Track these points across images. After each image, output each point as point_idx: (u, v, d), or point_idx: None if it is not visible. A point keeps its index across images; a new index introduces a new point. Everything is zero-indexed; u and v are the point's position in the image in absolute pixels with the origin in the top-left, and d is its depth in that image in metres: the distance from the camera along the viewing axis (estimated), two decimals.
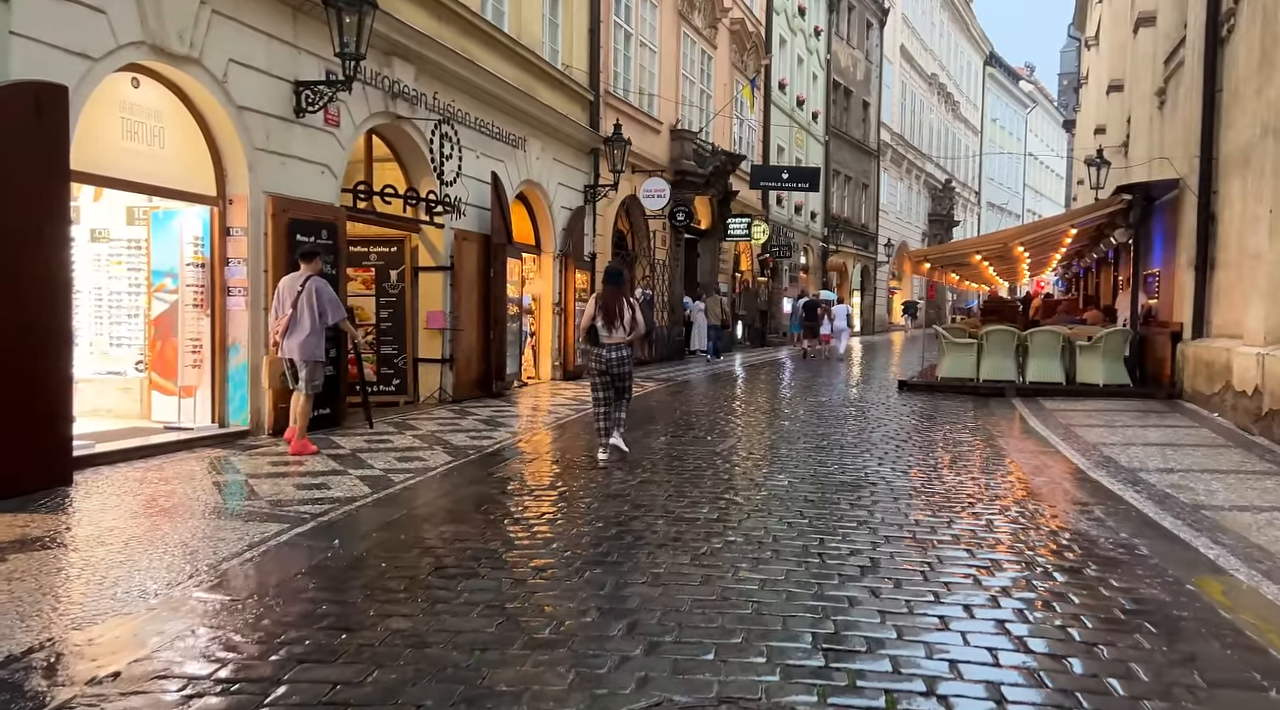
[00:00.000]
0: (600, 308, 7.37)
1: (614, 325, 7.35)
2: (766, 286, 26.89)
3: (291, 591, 4.20)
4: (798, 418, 10.58)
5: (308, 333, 7.36)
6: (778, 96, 27.29)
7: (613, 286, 7.54)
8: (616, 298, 7.42)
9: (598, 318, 7.35)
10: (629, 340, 7.43)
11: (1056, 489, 6.56)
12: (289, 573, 4.48)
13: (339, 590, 4.22)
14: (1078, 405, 11.75)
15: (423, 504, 6.05)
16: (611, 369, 7.44)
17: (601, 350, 7.39)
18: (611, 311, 7.34)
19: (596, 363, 7.45)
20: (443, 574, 4.44)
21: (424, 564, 4.61)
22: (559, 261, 14.32)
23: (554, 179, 14.09)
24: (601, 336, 7.36)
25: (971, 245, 15.41)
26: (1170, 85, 14.90)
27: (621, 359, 7.45)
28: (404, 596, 4.11)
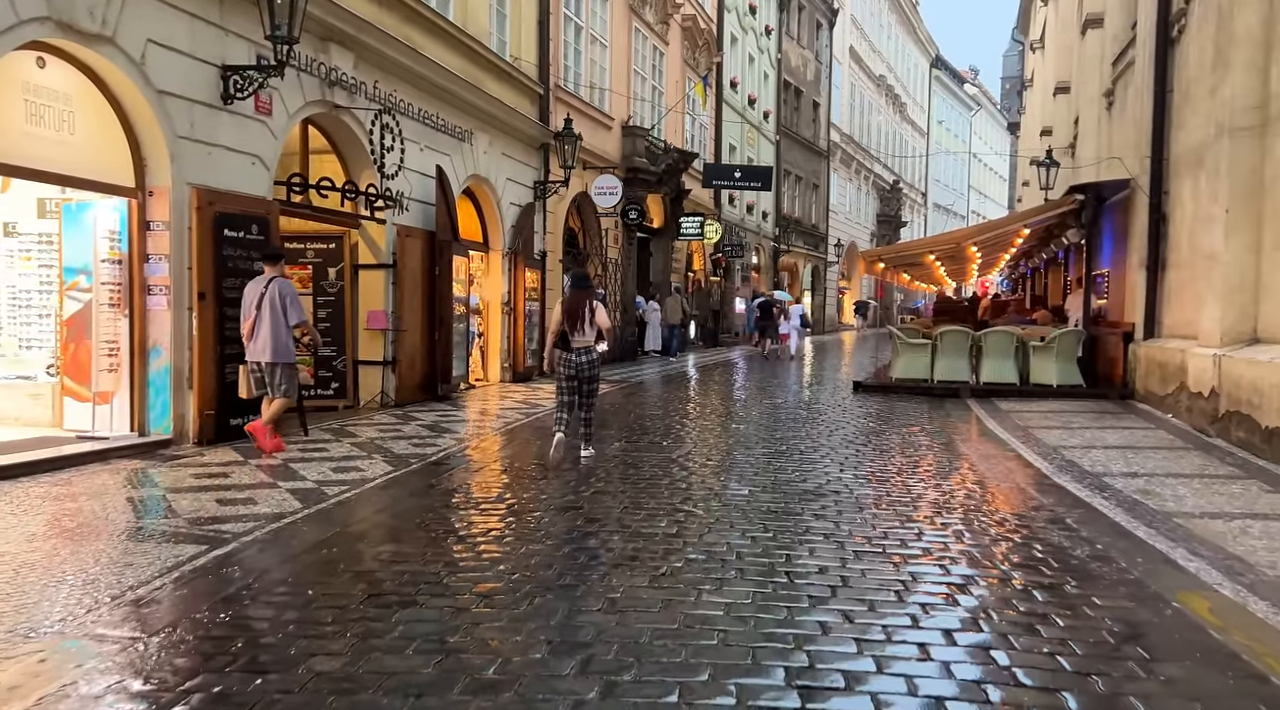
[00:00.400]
0: (565, 312, 7.52)
1: (578, 328, 7.49)
2: (719, 286, 26.70)
3: (204, 626, 3.75)
4: (754, 421, 10.31)
5: (275, 335, 7.28)
6: (729, 95, 27.12)
7: (578, 290, 7.68)
8: (580, 301, 7.55)
9: (565, 322, 7.49)
10: (597, 342, 7.59)
11: (1024, 496, 6.36)
12: (203, 603, 4.02)
13: (259, 623, 3.78)
14: (1033, 406, 11.69)
15: (358, 520, 5.60)
16: (581, 372, 7.54)
17: (570, 354, 7.52)
18: (576, 315, 7.48)
19: (565, 366, 7.56)
20: (377, 602, 4.03)
21: (356, 591, 4.19)
22: (508, 260, 13.87)
23: (502, 174, 13.63)
24: (570, 340, 7.52)
25: (925, 245, 15.35)
26: (1119, 86, 15.00)
27: (590, 362, 7.58)
28: (332, 631, 3.69)
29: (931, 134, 61.29)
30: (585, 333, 7.53)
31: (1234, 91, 8.75)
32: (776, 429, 9.57)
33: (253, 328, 7.29)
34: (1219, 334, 8.88)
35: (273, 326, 7.26)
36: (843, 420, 10.38)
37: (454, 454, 7.92)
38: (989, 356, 13.25)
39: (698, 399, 12.83)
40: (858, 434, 9.29)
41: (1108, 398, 12.23)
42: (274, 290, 7.31)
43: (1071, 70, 21.30)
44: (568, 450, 7.44)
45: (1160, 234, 11.86)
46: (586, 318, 7.52)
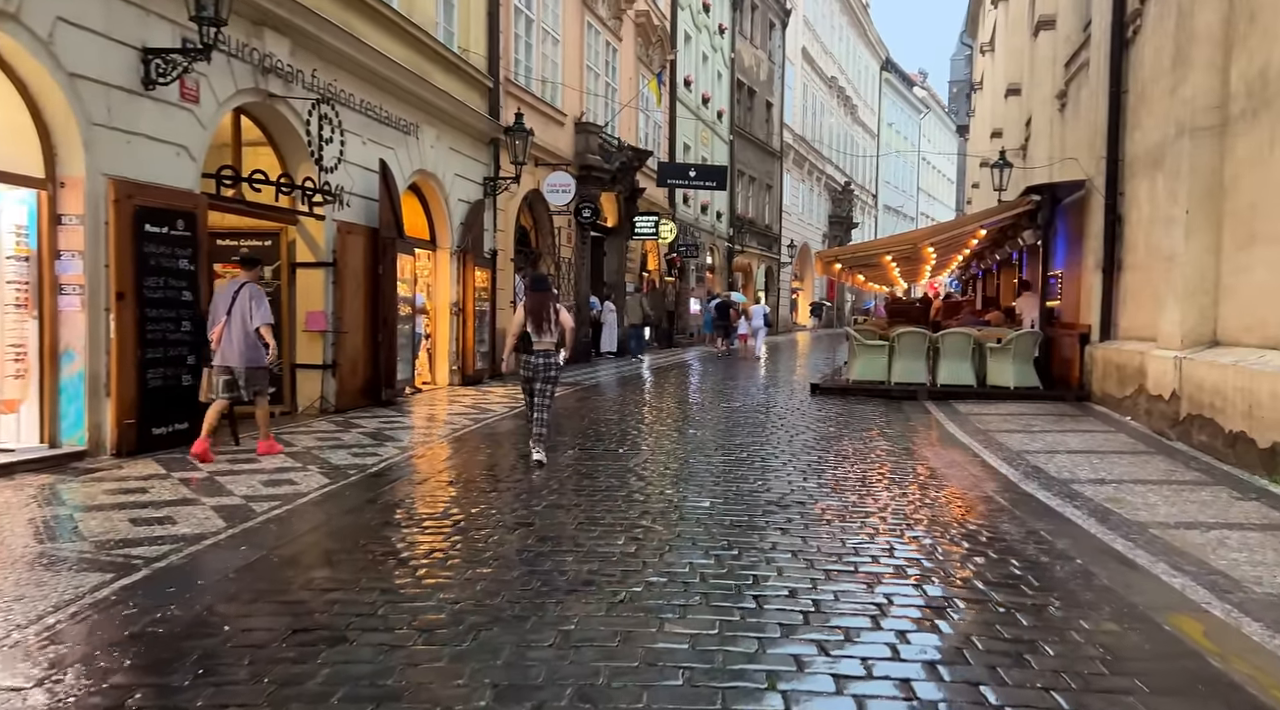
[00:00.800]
0: (529, 313, 7.51)
1: (543, 330, 7.48)
2: (674, 286, 26.42)
3: (98, 673, 3.29)
4: (712, 425, 9.99)
5: (244, 340, 7.24)
6: (683, 93, 26.86)
7: (539, 293, 7.71)
8: (543, 303, 7.56)
9: (528, 324, 7.49)
10: (560, 344, 7.60)
11: (995, 506, 6.12)
12: (100, 645, 3.55)
13: (163, 670, 3.33)
14: (991, 409, 11.57)
15: (287, 542, 5.13)
16: (540, 373, 7.56)
17: (531, 356, 7.54)
18: (539, 317, 7.47)
19: (525, 369, 7.61)
20: (302, 640, 3.60)
21: (279, 627, 3.75)
22: (457, 258, 13.37)
23: (450, 170, 13.14)
24: (532, 342, 7.51)
25: (881, 246, 15.23)
26: (1071, 88, 15.03)
27: (550, 364, 7.57)
28: (246, 678, 3.25)
29: (882, 136, 61.88)
30: (550, 334, 7.50)
31: (1194, 91, 8.67)
32: (735, 434, 9.26)
33: (223, 332, 7.21)
34: (1179, 336, 8.80)
35: (242, 332, 7.22)
36: (802, 424, 10.13)
37: (396, 464, 7.46)
38: (946, 358, 13.14)
39: (654, 402, 12.49)
40: (818, 439, 9.02)
41: (1064, 400, 12.17)
42: (244, 296, 7.27)
43: (1023, 72, 21.44)
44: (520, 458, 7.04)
45: (1116, 235, 11.84)
46: (551, 319, 7.49)
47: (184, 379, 7.77)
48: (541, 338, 7.48)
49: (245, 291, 7.30)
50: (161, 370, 7.53)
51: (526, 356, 7.55)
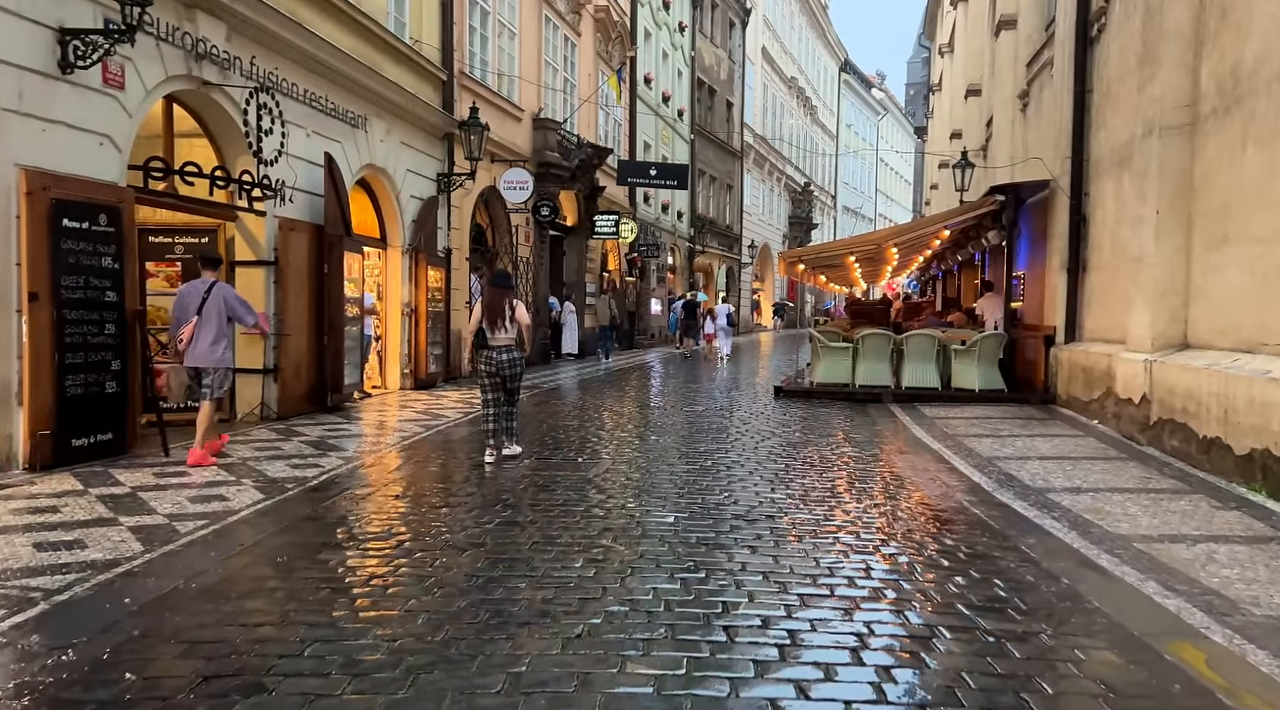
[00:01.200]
0: (485, 309, 7.59)
1: (498, 326, 7.56)
2: (635, 287, 26.06)
3: None
4: (675, 431, 9.64)
5: (216, 339, 7.19)
6: (644, 91, 26.52)
7: (498, 289, 7.74)
8: (500, 299, 7.60)
9: (484, 319, 7.57)
10: (516, 340, 7.65)
11: (971, 518, 5.84)
12: None
13: None
14: (956, 412, 11.38)
15: (211, 568, 4.66)
16: (501, 370, 7.61)
17: (490, 352, 7.59)
18: (495, 311, 7.54)
19: (485, 364, 7.64)
20: (215, 688, 3.17)
21: (189, 673, 3.31)
22: (409, 257, 12.86)
23: (402, 165, 12.63)
24: (489, 339, 7.59)
25: (844, 246, 15.02)
26: (1034, 88, 14.96)
27: (512, 360, 7.63)
28: None
29: (840, 137, 62.17)
30: (506, 330, 7.58)
31: (1163, 89, 8.52)
32: (699, 440, 8.92)
33: (193, 333, 7.10)
34: (1149, 339, 8.64)
35: (217, 333, 7.17)
36: (766, 430, 9.82)
37: (339, 477, 6.98)
38: (910, 360, 12.95)
39: (615, 406, 12.11)
40: (784, 446, 8.72)
41: (1029, 403, 12.04)
42: (218, 295, 7.21)
43: (983, 73, 21.45)
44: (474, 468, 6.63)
45: (1081, 236, 11.73)
46: (506, 315, 7.57)
47: (108, 385, 7.22)
48: (497, 334, 7.56)
49: (219, 291, 7.22)
50: (82, 376, 6.97)
51: (486, 352, 7.59)
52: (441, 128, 13.69)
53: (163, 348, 9.21)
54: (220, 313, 7.19)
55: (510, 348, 7.62)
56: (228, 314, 7.26)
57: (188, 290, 7.33)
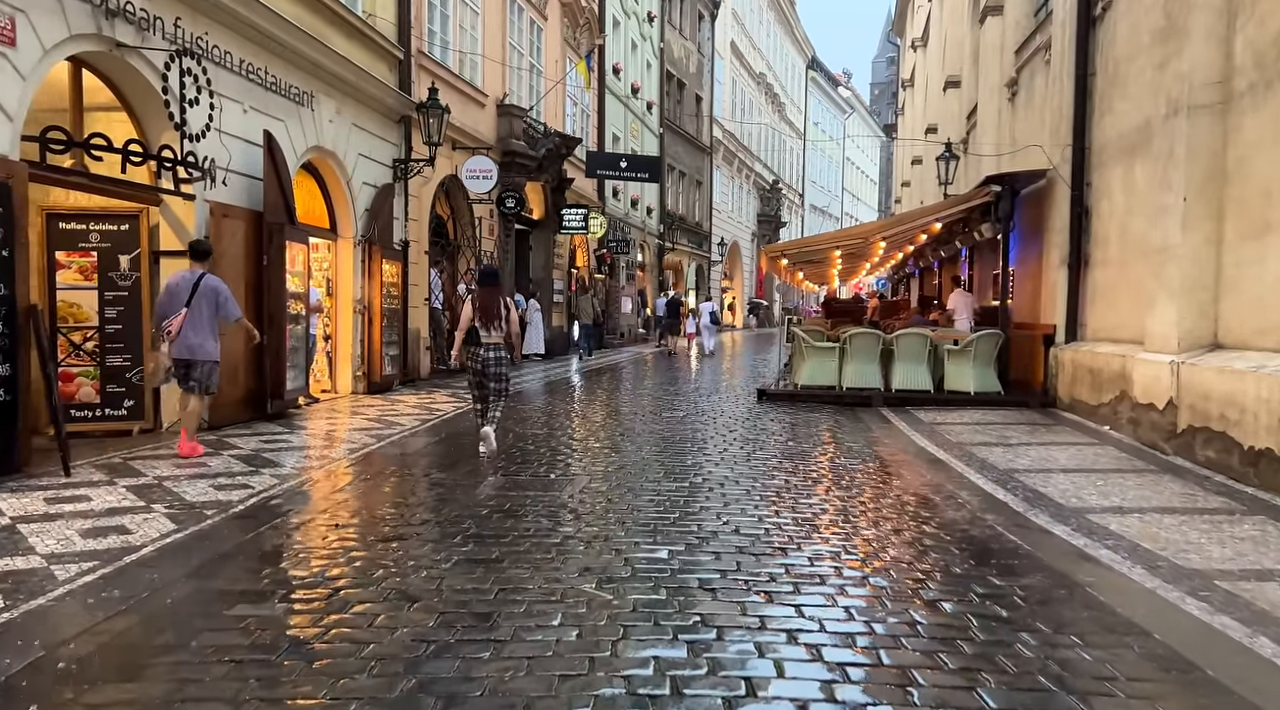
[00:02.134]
0: (478, 308, 7.53)
1: (492, 325, 7.53)
2: (604, 284, 25.10)
3: None
4: (656, 440, 8.73)
5: (203, 332, 7.15)
6: (612, 82, 25.58)
7: (489, 287, 7.71)
8: (494, 298, 7.58)
9: (476, 318, 7.53)
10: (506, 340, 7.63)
11: (1009, 547, 5.00)
12: None
13: None
14: (954, 417, 10.61)
15: (86, 632, 3.65)
16: (489, 368, 7.64)
17: (479, 350, 7.60)
18: (489, 312, 7.52)
19: (474, 362, 7.67)
20: None
21: None
22: (361, 249, 11.80)
23: (354, 148, 11.57)
24: (480, 337, 7.55)
25: (831, 239, 14.22)
26: (1024, 75, 14.29)
27: (499, 359, 7.66)
28: None
29: (808, 135, 61.70)
30: (499, 329, 7.57)
31: (1191, 65, 7.78)
32: (683, 452, 8.02)
33: (183, 323, 7.04)
34: (1175, 338, 7.90)
35: (206, 326, 7.14)
36: (755, 438, 8.96)
37: (272, 500, 5.97)
38: (901, 361, 12.17)
39: (588, 413, 11.17)
40: (778, 458, 7.85)
41: (1028, 406, 11.31)
42: (206, 287, 7.15)
43: (963, 64, 20.83)
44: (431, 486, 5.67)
45: (1083, 228, 11.03)
46: (501, 315, 7.56)
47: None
48: (490, 333, 7.53)
49: (207, 284, 7.17)
50: None
51: (475, 350, 7.58)
52: (397, 110, 12.64)
53: (75, 348, 8.11)
54: (209, 305, 7.13)
55: (499, 346, 7.61)
56: (216, 308, 7.20)
57: (176, 281, 7.24)
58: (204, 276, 7.22)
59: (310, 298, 10.50)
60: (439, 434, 8.95)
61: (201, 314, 7.11)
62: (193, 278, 7.20)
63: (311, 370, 10.37)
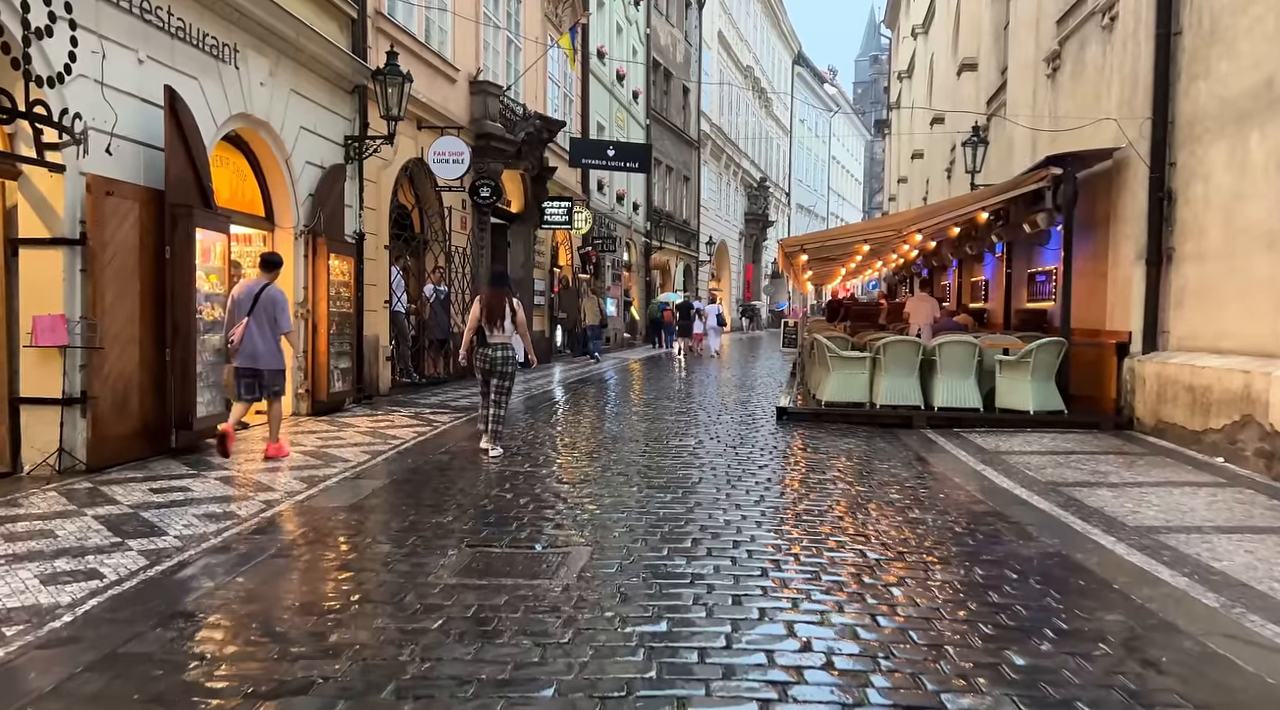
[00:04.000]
0: (485, 308, 7.65)
1: (497, 324, 7.62)
2: (589, 284, 23.19)
3: None
4: (668, 483, 6.84)
5: (270, 341, 7.29)
6: (597, 66, 23.68)
7: (497, 288, 7.86)
8: (500, 298, 7.68)
9: (483, 318, 7.63)
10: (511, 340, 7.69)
11: (1245, 689, 3.17)
12: None
13: None
14: (1019, 443, 8.83)
15: None
16: (496, 367, 7.69)
17: (486, 350, 7.66)
18: (495, 311, 7.61)
19: (481, 361, 7.73)
20: None
21: None
22: (305, 241, 9.85)
23: (294, 120, 9.60)
24: (486, 336, 7.64)
25: (858, 231, 12.40)
26: (1070, 46, 12.56)
27: (506, 358, 7.71)
28: None
29: (794, 132, 60.07)
30: (504, 330, 7.67)
31: None
32: (711, 505, 6.14)
33: (244, 332, 7.17)
34: None
35: (268, 332, 7.26)
36: (787, 476, 7.12)
37: (120, 606, 4.01)
38: (945, 374, 10.37)
39: (577, 442, 9.26)
40: (831, 511, 5.99)
41: (1099, 428, 9.56)
42: (267, 297, 7.27)
43: (980, 44, 19.16)
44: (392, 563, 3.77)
45: (1164, 217, 9.29)
46: (507, 315, 7.67)
47: None
48: (495, 333, 7.64)
49: (268, 294, 7.29)
50: None
51: (483, 350, 7.68)
52: (350, 77, 10.68)
53: None
54: (269, 314, 7.25)
55: (507, 345, 7.70)
56: (274, 317, 7.30)
57: (240, 291, 7.39)
58: (267, 286, 7.34)
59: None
60: (391, 474, 7.02)
61: (264, 323, 7.23)
62: (255, 287, 7.32)
63: None
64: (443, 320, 13.24)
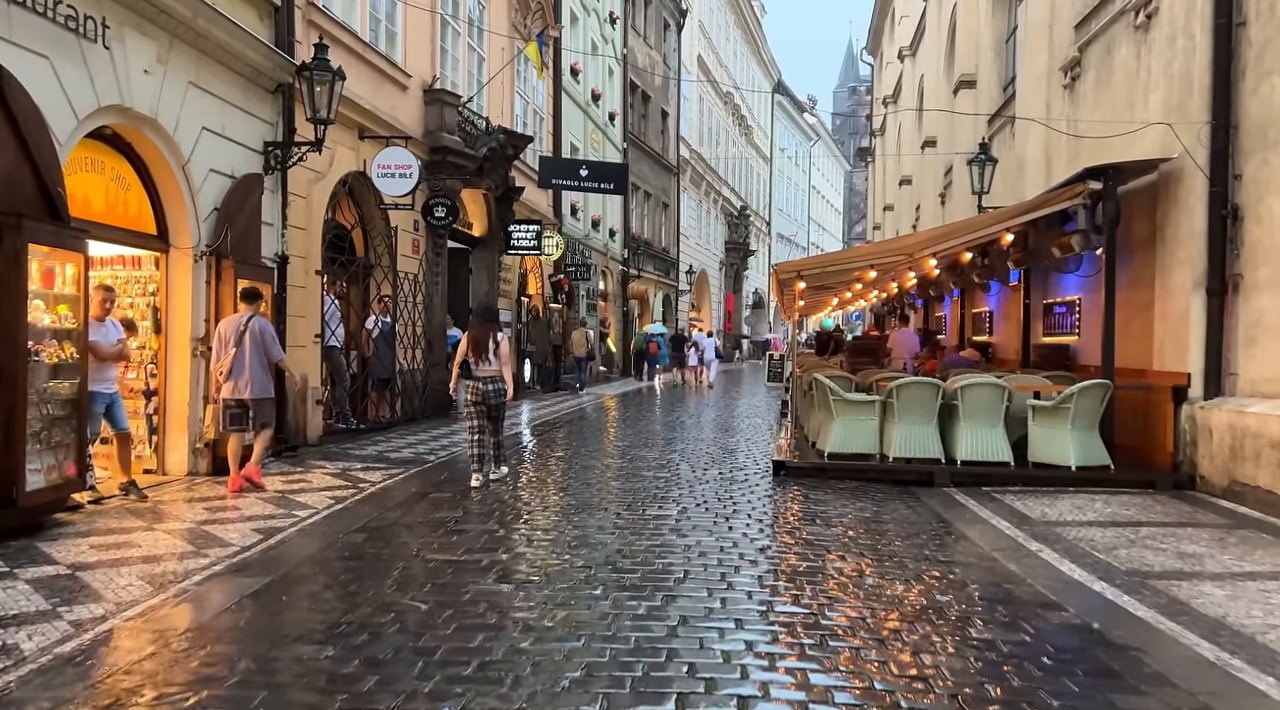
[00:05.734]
0: (471, 341, 8.00)
1: (482, 357, 7.96)
2: (562, 315, 21.61)
3: None
4: (636, 577, 5.20)
5: (257, 371, 7.37)
6: (570, 84, 22.28)
7: (484, 323, 8.17)
8: (486, 332, 8.04)
9: (469, 351, 7.97)
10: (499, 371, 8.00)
11: None
12: None
13: None
14: (1067, 508, 7.30)
15: None
16: (487, 399, 7.96)
17: (475, 382, 7.95)
18: (481, 345, 7.96)
19: (471, 394, 7.96)
20: None
21: None
22: (207, 263, 8.19)
23: (193, 119, 7.99)
24: (473, 369, 7.95)
25: (865, 255, 10.89)
26: (1092, 52, 11.25)
27: (497, 390, 8.01)
28: None
29: (774, 161, 59.12)
30: (490, 362, 7.96)
31: None
32: (687, 606, 4.52)
33: (232, 366, 7.28)
34: None
35: (255, 363, 7.32)
36: (793, 561, 5.52)
37: None
38: (968, 422, 8.84)
39: (534, 513, 7.61)
40: (845, 609, 4.39)
41: (1155, 487, 8.07)
42: (255, 327, 7.36)
43: (979, 60, 17.96)
44: None
45: (1230, 238, 7.88)
46: (491, 348, 7.98)
47: None
48: (481, 364, 7.94)
49: (256, 324, 7.39)
50: None
51: (472, 382, 7.95)
52: (271, 74, 9.09)
53: None
54: (258, 346, 7.34)
55: (496, 378, 7.97)
56: (263, 348, 7.38)
57: (226, 326, 7.47)
58: (252, 318, 7.39)
59: (108, 335, 6.84)
60: (276, 567, 5.34)
61: (252, 354, 7.29)
62: (241, 320, 7.34)
63: (89, 449, 6.62)
64: (387, 357, 11.56)
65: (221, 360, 7.33)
